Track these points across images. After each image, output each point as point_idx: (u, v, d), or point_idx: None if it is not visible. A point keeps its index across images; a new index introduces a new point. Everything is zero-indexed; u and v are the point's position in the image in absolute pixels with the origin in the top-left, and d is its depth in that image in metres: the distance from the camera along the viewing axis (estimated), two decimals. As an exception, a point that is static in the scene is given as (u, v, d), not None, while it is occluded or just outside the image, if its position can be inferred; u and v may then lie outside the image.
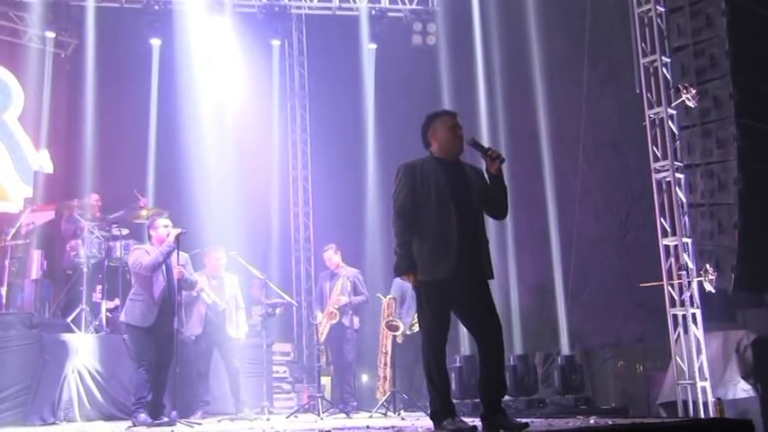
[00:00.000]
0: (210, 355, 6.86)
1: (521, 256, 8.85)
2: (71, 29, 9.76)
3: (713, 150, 6.65)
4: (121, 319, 6.05)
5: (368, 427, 5.00)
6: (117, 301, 7.20)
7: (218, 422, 6.29)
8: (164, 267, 5.89)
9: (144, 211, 7.47)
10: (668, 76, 6.83)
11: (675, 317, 6.51)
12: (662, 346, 6.93)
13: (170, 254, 5.86)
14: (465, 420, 4.06)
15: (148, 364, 5.75)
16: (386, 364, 7.68)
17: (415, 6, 10.20)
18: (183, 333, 6.79)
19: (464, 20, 9.69)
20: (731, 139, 6.53)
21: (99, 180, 8.68)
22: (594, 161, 8.83)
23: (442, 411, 3.96)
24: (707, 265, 6.44)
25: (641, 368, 8.01)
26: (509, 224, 8.75)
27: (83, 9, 9.37)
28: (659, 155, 6.77)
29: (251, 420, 6.29)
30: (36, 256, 7.37)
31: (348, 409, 6.98)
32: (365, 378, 9.31)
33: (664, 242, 6.64)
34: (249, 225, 8.89)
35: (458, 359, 7.71)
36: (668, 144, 6.71)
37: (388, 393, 7.18)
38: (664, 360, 6.93)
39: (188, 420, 5.79)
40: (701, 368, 6.28)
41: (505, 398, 7.39)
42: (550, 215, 8.40)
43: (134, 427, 5.55)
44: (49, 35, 9.56)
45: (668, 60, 6.86)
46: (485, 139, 9.12)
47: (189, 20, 9.54)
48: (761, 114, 6.66)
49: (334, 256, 7.52)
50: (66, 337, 6.58)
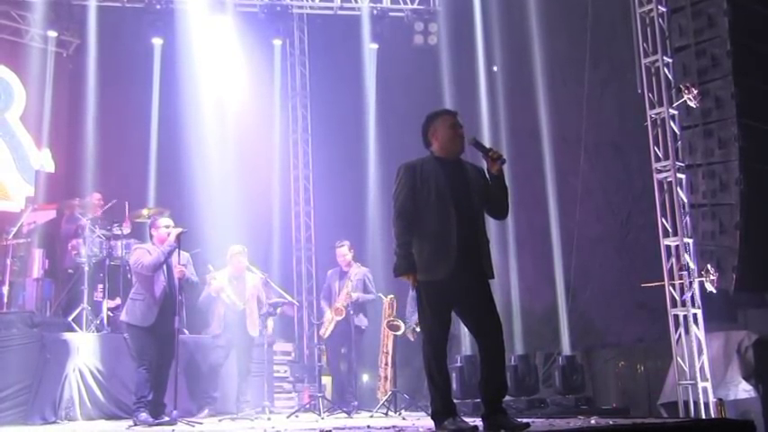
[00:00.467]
0: (227, 354, 6.92)
1: (522, 255, 8.85)
2: (73, 28, 9.76)
3: (715, 150, 6.64)
4: (122, 318, 6.06)
5: (369, 427, 5.00)
6: (118, 301, 7.21)
7: (219, 421, 6.30)
8: (165, 267, 5.89)
9: (145, 210, 7.48)
10: (670, 77, 6.83)
11: (676, 317, 6.50)
12: (663, 347, 6.92)
13: (171, 253, 5.87)
14: (466, 420, 4.06)
15: (149, 364, 5.75)
16: (387, 364, 7.68)
17: (416, 6, 10.19)
18: (197, 332, 6.82)
19: (466, 20, 9.69)
20: (733, 139, 6.53)
21: (100, 179, 8.69)
22: (596, 161, 8.83)
23: (442, 411, 3.95)
24: (708, 266, 6.44)
25: (642, 368, 8.00)
26: (510, 224, 8.75)
27: (84, 8, 9.38)
28: (660, 155, 6.77)
29: (252, 420, 6.29)
30: (37, 255, 7.38)
31: (349, 408, 6.98)
32: (366, 378, 9.31)
33: (665, 242, 6.64)
34: (250, 224, 8.89)
35: (459, 359, 7.71)
36: (669, 144, 6.71)
37: (389, 393, 7.19)
38: (665, 360, 6.92)
39: (189, 420, 5.79)
40: (702, 368, 6.28)
41: (506, 398, 7.43)
42: (551, 215, 8.39)
43: (135, 426, 5.56)
44: (51, 34, 9.56)
45: (670, 60, 6.86)
46: (486, 138, 9.12)
47: (190, 19, 9.54)
48: (762, 114, 6.65)
49: (348, 253, 7.53)
50: (68, 336, 6.59)
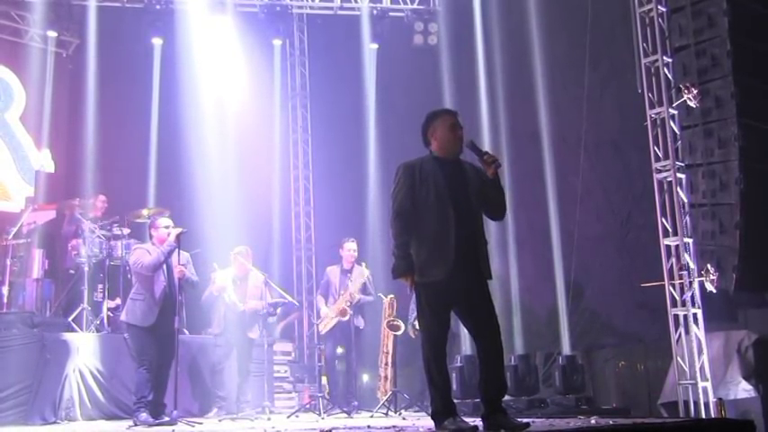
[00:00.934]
0: (229, 354, 6.93)
1: (522, 255, 8.84)
2: (73, 28, 9.76)
3: (715, 150, 6.64)
4: (122, 318, 6.07)
5: (369, 427, 5.00)
6: (118, 301, 7.22)
7: (219, 421, 6.30)
8: (165, 267, 5.90)
9: (145, 211, 7.48)
10: (669, 76, 6.83)
11: (677, 317, 6.50)
12: (663, 347, 6.92)
13: (171, 253, 5.87)
14: (466, 420, 4.06)
15: (149, 364, 5.76)
16: (387, 364, 7.68)
17: (416, 6, 10.19)
18: (198, 332, 6.81)
19: (466, 20, 9.68)
20: (733, 138, 6.52)
21: (100, 180, 8.69)
22: (596, 161, 8.82)
23: (443, 411, 3.95)
24: (708, 265, 6.44)
25: (642, 368, 8.00)
26: (510, 224, 8.75)
27: (84, 8, 9.38)
28: (660, 155, 6.77)
29: (252, 420, 6.29)
30: (37, 255, 7.38)
31: (349, 408, 6.98)
32: (366, 378, 9.31)
33: (665, 242, 6.64)
34: (250, 224, 8.89)
35: (459, 359, 7.71)
36: (669, 144, 6.71)
37: (389, 393, 7.19)
38: (665, 360, 6.92)
39: (189, 420, 5.79)
40: (702, 368, 6.28)
41: (506, 398, 7.43)
42: (551, 215, 8.39)
43: (135, 426, 5.56)
44: (51, 34, 9.56)
45: (669, 60, 6.86)
46: (486, 138, 9.12)
47: (190, 19, 9.54)
48: (762, 114, 6.65)
49: (356, 251, 7.48)
50: (68, 336, 6.59)
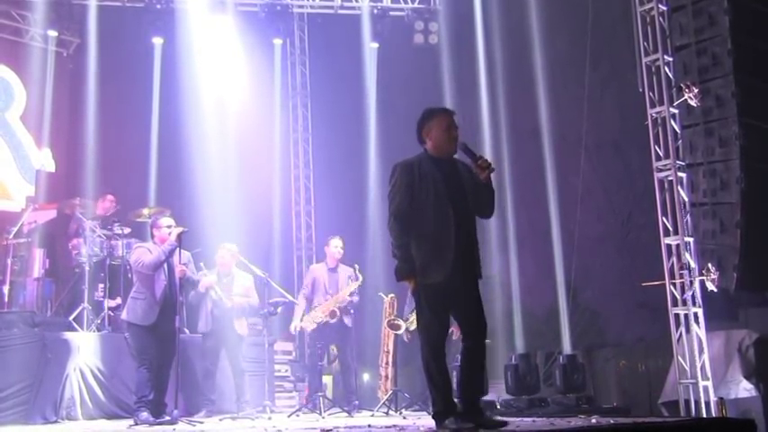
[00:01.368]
0: (218, 354, 6.89)
1: (522, 254, 8.84)
2: (73, 27, 9.75)
3: (715, 149, 6.64)
4: (123, 317, 6.07)
5: (369, 426, 5.00)
6: (119, 300, 7.21)
7: (219, 421, 6.30)
8: (165, 266, 5.90)
9: (146, 210, 7.48)
10: (670, 75, 6.83)
11: (677, 316, 6.50)
12: (664, 346, 6.92)
13: (172, 252, 5.87)
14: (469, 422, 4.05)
15: (149, 363, 5.76)
16: (387, 363, 7.68)
17: (417, 5, 10.19)
18: (189, 331, 6.80)
19: (466, 19, 9.68)
20: (733, 138, 6.52)
21: (101, 179, 8.69)
22: (596, 160, 8.82)
23: (444, 411, 3.96)
24: (709, 265, 6.43)
25: (643, 367, 7.99)
26: (511, 223, 8.75)
27: (85, 8, 9.38)
28: (661, 154, 6.77)
29: (253, 419, 6.29)
30: (38, 254, 7.39)
31: (350, 407, 6.98)
32: (367, 377, 9.31)
33: (665, 241, 6.64)
34: (251, 224, 8.89)
35: (459, 358, 7.69)
36: (670, 143, 6.71)
37: (390, 392, 7.19)
38: (665, 359, 6.91)
39: (189, 419, 5.79)
40: (702, 367, 6.27)
41: (507, 397, 7.47)
42: (552, 214, 8.39)
43: (136, 425, 5.56)
44: (52, 34, 9.56)
45: (670, 59, 6.85)
46: (487, 137, 9.13)
47: (191, 19, 9.54)
48: (763, 113, 6.64)
49: (342, 248, 7.42)
50: (68, 335, 6.59)
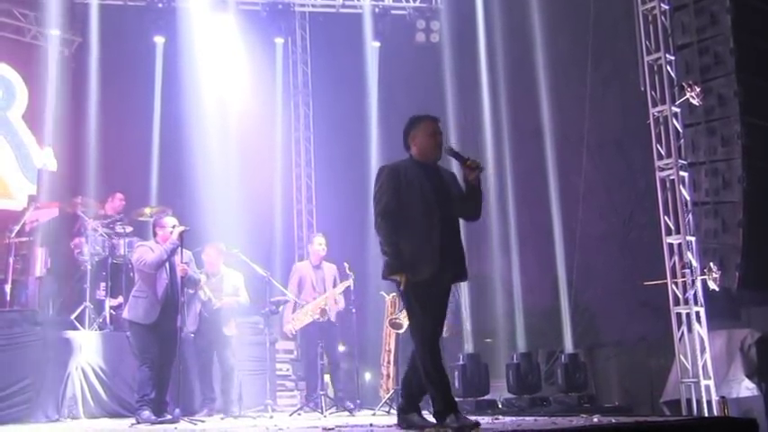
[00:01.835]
0: (211, 353, 6.88)
1: (524, 253, 8.84)
2: (75, 27, 9.76)
3: (717, 148, 6.63)
4: (124, 315, 6.07)
5: (371, 425, 4.99)
6: (120, 299, 7.22)
7: (221, 419, 6.30)
8: (167, 265, 5.90)
9: (147, 209, 7.48)
10: (672, 74, 6.82)
11: (679, 315, 6.50)
12: (665, 345, 6.91)
13: (174, 251, 5.87)
14: (469, 417, 4.06)
15: (151, 362, 5.76)
16: (389, 362, 7.68)
17: (418, 4, 10.18)
18: (185, 330, 6.80)
19: (468, 17, 9.67)
20: (736, 137, 6.51)
21: (102, 178, 8.69)
22: (598, 159, 8.81)
23: (444, 409, 3.98)
24: (711, 264, 6.42)
25: (645, 366, 7.98)
26: (512, 222, 8.75)
27: (87, 7, 9.38)
28: (663, 153, 6.76)
29: (254, 418, 6.30)
30: (40, 253, 7.39)
31: (352, 406, 6.98)
32: (368, 376, 9.31)
33: (667, 240, 6.63)
34: (252, 222, 8.89)
35: (461, 357, 7.71)
36: (672, 142, 6.70)
37: (392, 391, 7.19)
38: (667, 358, 6.91)
39: (191, 418, 5.79)
40: (704, 366, 6.27)
41: (509, 396, 7.47)
42: (554, 213, 8.39)
43: (138, 424, 5.56)
44: (54, 33, 9.56)
45: (672, 58, 6.84)
46: (488, 136, 9.12)
47: (192, 17, 9.54)
48: (766, 112, 6.63)
49: (325, 246, 7.43)
50: (70, 334, 6.60)
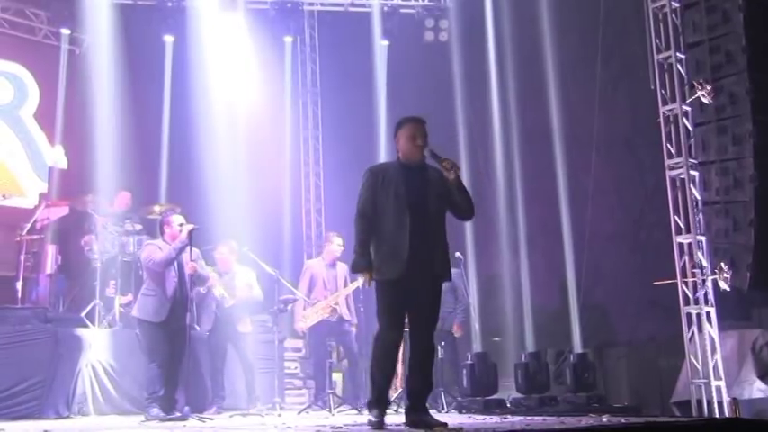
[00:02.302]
0: (225, 351, 6.90)
1: (533, 253, 8.81)
2: (85, 26, 9.81)
3: (728, 147, 6.57)
4: (133, 313, 6.10)
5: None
6: (130, 297, 7.26)
7: (229, 417, 6.32)
8: (176, 263, 5.92)
9: (157, 207, 7.52)
10: (683, 73, 6.78)
11: (689, 315, 6.46)
12: (675, 345, 6.87)
13: (182, 250, 5.89)
14: (385, 420, 4.19)
15: (160, 360, 5.79)
16: (398, 361, 7.68)
17: (427, 3, 10.17)
18: (198, 328, 6.84)
19: (477, 16, 9.64)
20: (747, 135, 6.45)
21: (112, 176, 8.72)
22: (607, 158, 8.76)
23: (374, 403, 4.21)
24: (722, 263, 6.38)
25: (654, 366, 7.93)
26: (521, 221, 8.72)
27: (97, 6, 9.42)
28: (673, 152, 6.72)
29: (262, 416, 6.31)
30: (51, 250, 7.45)
31: (359, 405, 6.99)
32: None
33: (677, 240, 6.59)
34: (261, 221, 8.91)
35: (470, 356, 7.70)
36: (682, 141, 6.66)
37: (400, 390, 7.18)
38: (677, 358, 6.87)
39: (200, 415, 5.81)
40: (715, 367, 6.23)
41: (517, 395, 7.45)
42: (563, 213, 8.35)
43: (147, 421, 5.59)
44: (64, 32, 9.63)
45: (683, 56, 6.80)
46: (497, 135, 9.10)
47: (202, 17, 9.57)
48: (778, 111, 6.57)
49: (343, 248, 7.36)
50: (81, 331, 6.65)
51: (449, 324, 7.52)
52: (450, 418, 5.59)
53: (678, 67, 6.75)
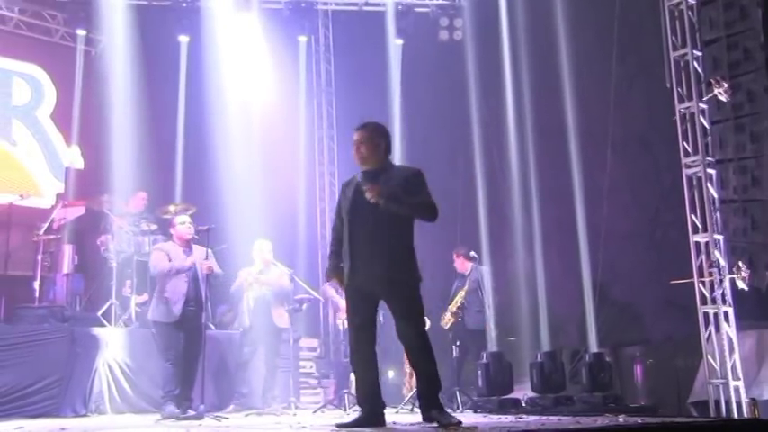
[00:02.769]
0: (256, 348, 6.95)
1: (548, 251, 8.75)
2: (101, 26, 9.89)
3: (746, 145, 6.50)
4: (149, 316, 6.16)
5: (394, 423, 4.99)
6: (146, 296, 7.31)
7: (245, 416, 6.35)
8: (189, 262, 6.00)
9: (172, 207, 7.56)
10: (699, 70, 6.70)
11: (707, 315, 6.39)
12: (693, 345, 6.81)
13: (188, 270, 5.95)
14: (361, 416, 4.23)
15: (174, 359, 5.83)
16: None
17: (441, 1, 10.14)
18: (213, 328, 6.89)
19: (491, 14, 9.60)
20: (766, 133, 6.38)
21: (128, 176, 8.78)
22: (623, 157, 8.70)
23: (359, 399, 4.36)
24: (740, 263, 6.31)
25: (671, 366, 7.87)
26: (536, 220, 8.67)
27: (112, 7, 9.49)
28: (690, 150, 6.65)
29: (278, 415, 6.33)
30: (67, 250, 7.51)
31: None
32: (391, 374, 9.31)
33: (694, 239, 6.53)
34: (276, 220, 8.92)
35: (485, 356, 7.66)
36: (699, 139, 6.59)
37: (415, 389, 7.16)
38: (695, 358, 6.81)
39: (216, 414, 5.84)
40: (733, 367, 6.16)
41: (533, 395, 7.41)
42: (578, 211, 8.29)
43: (163, 419, 5.63)
44: (80, 33, 9.71)
45: (699, 54, 6.72)
46: (512, 133, 9.07)
47: (216, 17, 9.61)
48: (796, 108, 6.49)
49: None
50: (97, 330, 6.70)
51: (474, 323, 7.55)
52: (465, 417, 5.58)
53: (695, 64, 6.67)
